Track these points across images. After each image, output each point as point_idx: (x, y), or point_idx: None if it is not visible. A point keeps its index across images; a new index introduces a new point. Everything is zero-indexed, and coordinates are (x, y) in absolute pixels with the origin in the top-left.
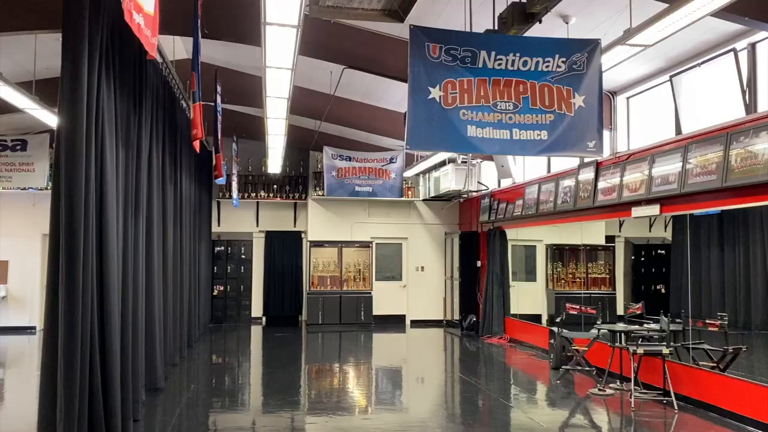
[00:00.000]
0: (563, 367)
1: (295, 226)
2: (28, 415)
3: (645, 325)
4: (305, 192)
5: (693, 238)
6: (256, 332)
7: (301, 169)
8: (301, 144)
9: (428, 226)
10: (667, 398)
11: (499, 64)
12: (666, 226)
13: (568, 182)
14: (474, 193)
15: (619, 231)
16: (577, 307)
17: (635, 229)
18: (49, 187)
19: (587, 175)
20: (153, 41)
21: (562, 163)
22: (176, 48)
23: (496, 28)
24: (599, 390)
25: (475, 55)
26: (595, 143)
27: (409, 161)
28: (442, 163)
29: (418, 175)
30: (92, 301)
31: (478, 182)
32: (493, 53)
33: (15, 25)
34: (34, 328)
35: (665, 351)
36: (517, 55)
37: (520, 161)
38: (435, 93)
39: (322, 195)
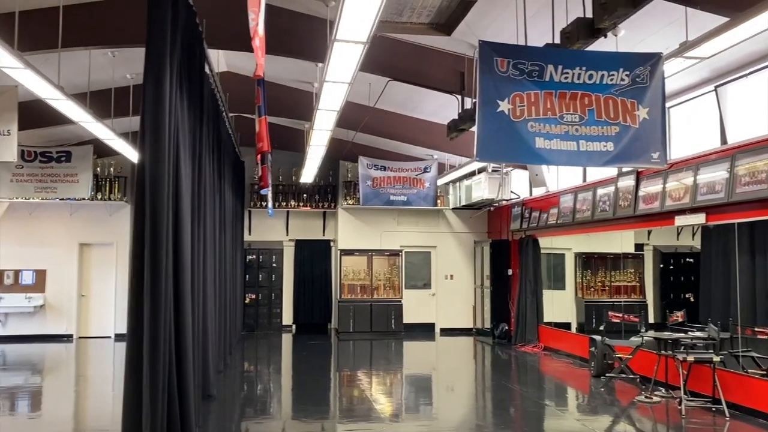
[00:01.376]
0: (607, 374)
1: (324, 235)
2: (65, 421)
3: (690, 333)
4: (334, 201)
5: (723, 246)
6: (288, 340)
7: (330, 178)
8: (331, 153)
9: (457, 234)
10: (716, 406)
11: (566, 78)
12: (694, 235)
13: (607, 191)
14: (504, 202)
15: (648, 239)
16: (620, 315)
17: (663, 238)
18: (87, 198)
19: (627, 183)
20: (262, 61)
21: (599, 172)
22: (219, 61)
23: (556, 41)
24: (646, 398)
25: (542, 68)
26: (659, 154)
27: (440, 170)
28: (472, 173)
29: (447, 184)
30: (170, 310)
31: (510, 191)
32: (560, 67)
33: (71, 41)
34: (71, 336)
35: (716, 358)
36: (583, 68)
37: (554, 170)
38: (504, 106)
39: (353, 204)
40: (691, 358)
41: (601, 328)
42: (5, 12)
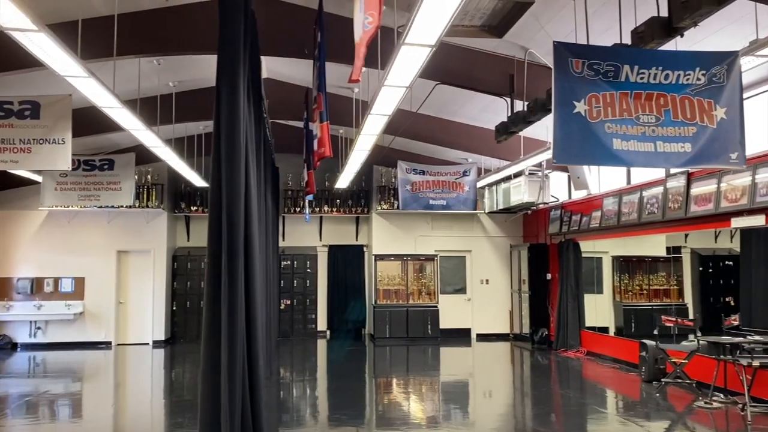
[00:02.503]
0: (662, 379)
1: (357, 240)
2: (105, 427)
3: (748, 337)
4: (368, 206)
5: (765, 248)
6: (324, 346)
7: (363, 183)
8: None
9: (492, 238)
10: None
11: (642, 78)
12: (732, 237)
13: (655, 192)
14: (542, 206)
15: (685, 242)
16: (674, 319)
17: (701, 240)
18: (131, 205)
19: (677, 184)
20: (360, 64)
21: (644, 174)
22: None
23: (616, 41)
24: (705, 403)
25: (618, 69)
26: (738, 155)
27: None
28: (508, 177)
29: (483, 187)
30: (243, 315)
31: (550, 194)
32: (636, 67)
33: (125, 49)
34: (109, 343)
35: None
36: (659, 68)
37: (595, 172)
38: (580, 107)
39: (388, 209)
40: (756, 362)
41: (655, 332)
42: (66, 21)
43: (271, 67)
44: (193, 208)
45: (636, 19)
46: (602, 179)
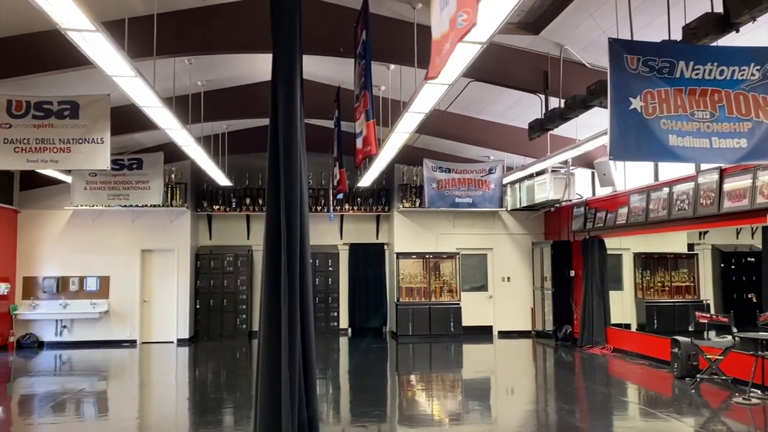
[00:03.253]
0: (697, 376)
1: (377, 239)
2: (131, 425)
3: None
4: (389, 204)
5: None
6: (347, 344)
7: (383, 181)
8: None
9: (513, 236)
10: None
11: (697, 74)
12: (753, 234)
13: (685, 188)
14: (566, 203)
15: (701, 239)
16: (708, 315)
17: (722, 237)
18: (160, 204)
19: (709, 180)
20: (438, 61)
21: (673, 171)
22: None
23: (670, 38)
24: (744, 399)
25: (673, 65)
26: None
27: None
28: (531, 175)
29: (505, 185)
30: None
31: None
32: (691, 63)
33: (161, 49)
34: (134, 341)
35: None
36: (715, 64)
37: (620, 169)
38: (636, 103)
39: (410, 207)
40: None
41: (690, 328)
42: (106, 21)
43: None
44: (216, 207)
45: (686, 16)
46: (627, 176)
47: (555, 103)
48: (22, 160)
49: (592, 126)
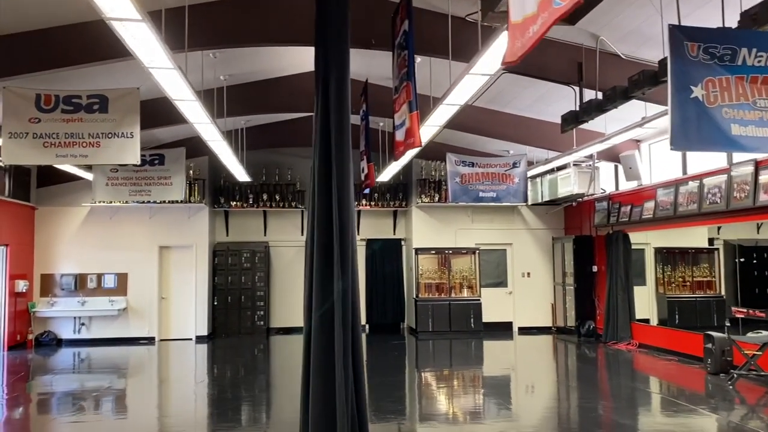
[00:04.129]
0: (735, 372)
1: (394, 234)
2: (150, 421)
3: None
4: (406, 200)
5: None
6: (365, 340)
7: (401, 176)
8: None
9: (533, 231)
10: None
11: (759, 62)
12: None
13: (717, 181)
14: (587, 197)
15: (718, 233)
16: (744, 310)
17: (743, 231)
18: (182, 201)
19: (743, 172)
20: (517, 46)
21: (702, 164)
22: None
23: (724, 24)
24: None
25: (735, 52)
26: None
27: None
28: (554, 169)
29: (526, 179)
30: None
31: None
32: (754, 50)
33: (193, 42)
34: (153, 338)
35: None
36: None
37: (646, 162)
38: (697, 92)
39: (428, 202)
40: None
41: (727, 323)
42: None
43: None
44: (233, 203)
45: (741, 4)
46: (653, 170)
47: (586, 95)
48: (51, 155)
49: (621, 119)
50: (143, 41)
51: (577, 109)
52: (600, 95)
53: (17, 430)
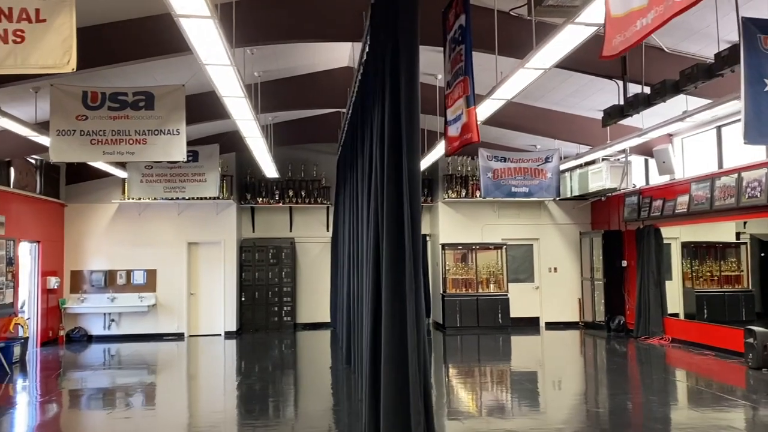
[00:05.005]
0: None
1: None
2: (181, 417)
3: None
4: (431, 195)
5: None
6: None
7: (426, 172)
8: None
9: (559, 226)
10: None
11: None
12: None
13: (757, 175)
14: (617, 192)
15: (744, 228)
16: None
17: (760, 227)
18: (217, 197)
19: None
20: (616, 40)
21: (738, 158)
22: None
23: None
24: None
25: None
26: None
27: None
28: (584, 163)
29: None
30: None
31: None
32: None
33: (241, 39)
34: (182, 334)
35: None
36: None
37: (679, 157)
38: None
39: (455, 197)
40: None
41: (756, 318)
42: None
43: (356, 55)
44: (259, 200)
45: None
46: (686, 164)
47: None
48: (98, 153)
49: (655, 114)
50: (206, 38)
51: (622, 103)
52: (644, 89)
53: (69, 425)
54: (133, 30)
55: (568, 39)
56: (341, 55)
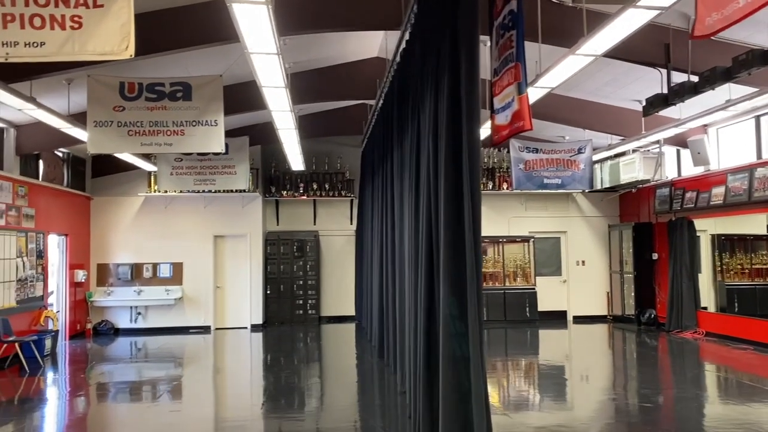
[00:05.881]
0: None
1: None
2: (207, 410)
3: None
4: None
5: None
6: None
7: None
8: None
9: (587, 218)
10: None
11: None
12: None
13: None
14: (646, 184)
15: None
16: None
17: None
18: (247, 190)
19: None
20: (710, 18)
21: None
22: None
23: None
24: None
25: None
26: None
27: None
28: (616, 155)
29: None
30: None
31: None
32: None
33: (284, 28)
34: (208, 327)
35: None
36: None
37: (714, 147)
38: None
39: (482, 190)
40: None
41: None
42: None
43: (388, 45)
44: (284, 192)
45: None
46: (721, 155)
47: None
48: (136, 144)
49: (692, 104)
50: (257, 25)
51: (664, 91)
52: (690, 77)
53: (104, 417)
54: (180, 17)
55: (625, 24)
56: (370, 45)
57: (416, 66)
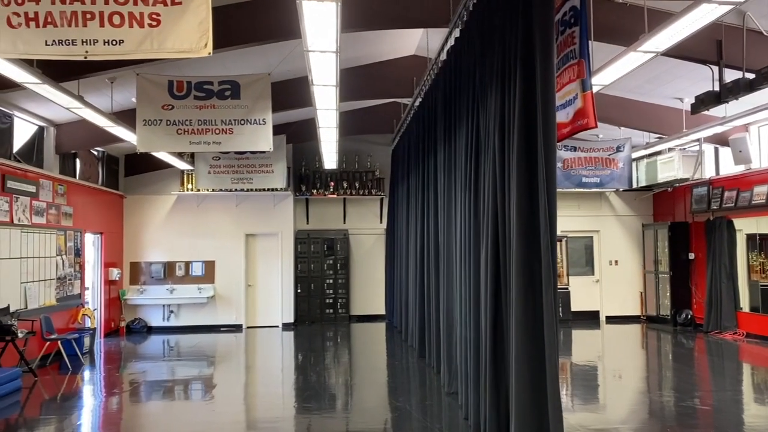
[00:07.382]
0: None
1: None
2: (238, 407)
3: None
4: None
5: None
6: None
7: None
8: None
9: (620, 218)
10: None
11: None
12: None
13: None
14: (683, 183)
15: None
16: None
17: None
18: (284, 188)
19: None
20: None
21: None
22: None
23: None
24: None
25: None
26: None
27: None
28: (654, 153)
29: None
30: None
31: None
32: None
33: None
34: (240, 326)
35: None
36: None
37: (755, 145)
38: None
39: None
40: None
41: None
42: None
43: (423, 43)
44: (313, 191)
45: None
46: (763, 154)
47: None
48: (185, 142)
49: (735, 102)
50: (322, 22)
51: (717, 89)
52: (744, 74)
53: (144, 414)
54: (247, 11)
55: (692, 20)
56: (408, 43)
57: (470, 63)
